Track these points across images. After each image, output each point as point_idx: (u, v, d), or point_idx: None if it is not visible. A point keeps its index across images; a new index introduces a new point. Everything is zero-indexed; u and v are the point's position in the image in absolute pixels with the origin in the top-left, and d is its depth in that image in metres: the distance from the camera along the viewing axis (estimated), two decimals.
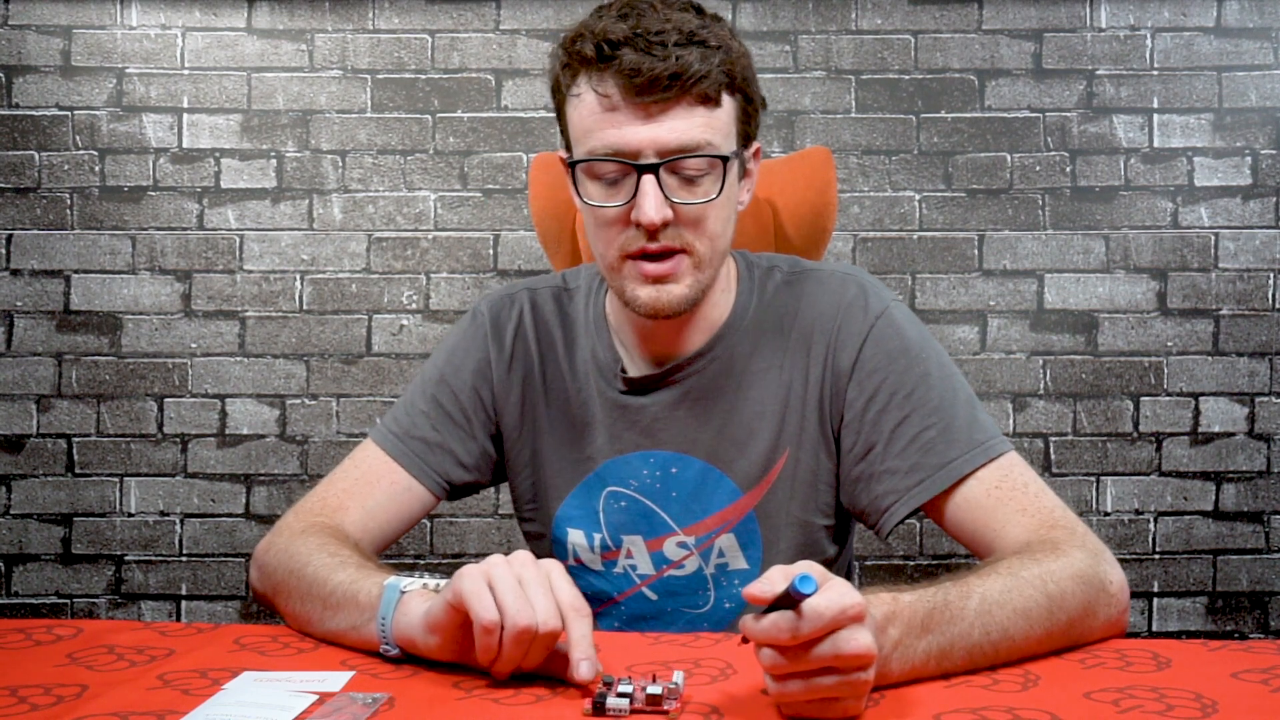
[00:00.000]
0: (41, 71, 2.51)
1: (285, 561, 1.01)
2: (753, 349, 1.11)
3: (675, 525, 1.13)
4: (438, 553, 2.53)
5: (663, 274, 1.01)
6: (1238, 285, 2.52)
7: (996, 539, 0.97)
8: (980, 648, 0.80)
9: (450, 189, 2.53)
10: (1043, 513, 0.97)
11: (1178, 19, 2.52)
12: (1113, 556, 0.94)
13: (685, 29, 0.98)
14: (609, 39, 0.97)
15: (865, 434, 1.06)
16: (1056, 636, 0.86)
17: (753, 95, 1.07)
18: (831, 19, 2.52)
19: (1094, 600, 0.89)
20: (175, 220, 2.52)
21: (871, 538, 2.50)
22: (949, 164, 2.53)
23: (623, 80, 0.97)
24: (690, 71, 0.97)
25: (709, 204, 1.01)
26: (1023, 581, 0.84)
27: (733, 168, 1.04)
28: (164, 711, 0.73)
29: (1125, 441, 2.53)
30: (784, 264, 1.16)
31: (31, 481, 2.52)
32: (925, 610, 0.78)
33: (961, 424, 1.02)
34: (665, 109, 0.98)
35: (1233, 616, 2.53)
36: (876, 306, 1.08)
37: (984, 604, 0.81)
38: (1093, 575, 0.90)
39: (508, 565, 0.78)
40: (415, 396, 1.18)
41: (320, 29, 2.52)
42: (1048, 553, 0.89)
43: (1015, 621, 0.82)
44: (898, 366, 1.05)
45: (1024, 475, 1.01)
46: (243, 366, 2.53)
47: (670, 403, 1.12)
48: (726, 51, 1.01)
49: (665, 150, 0.98)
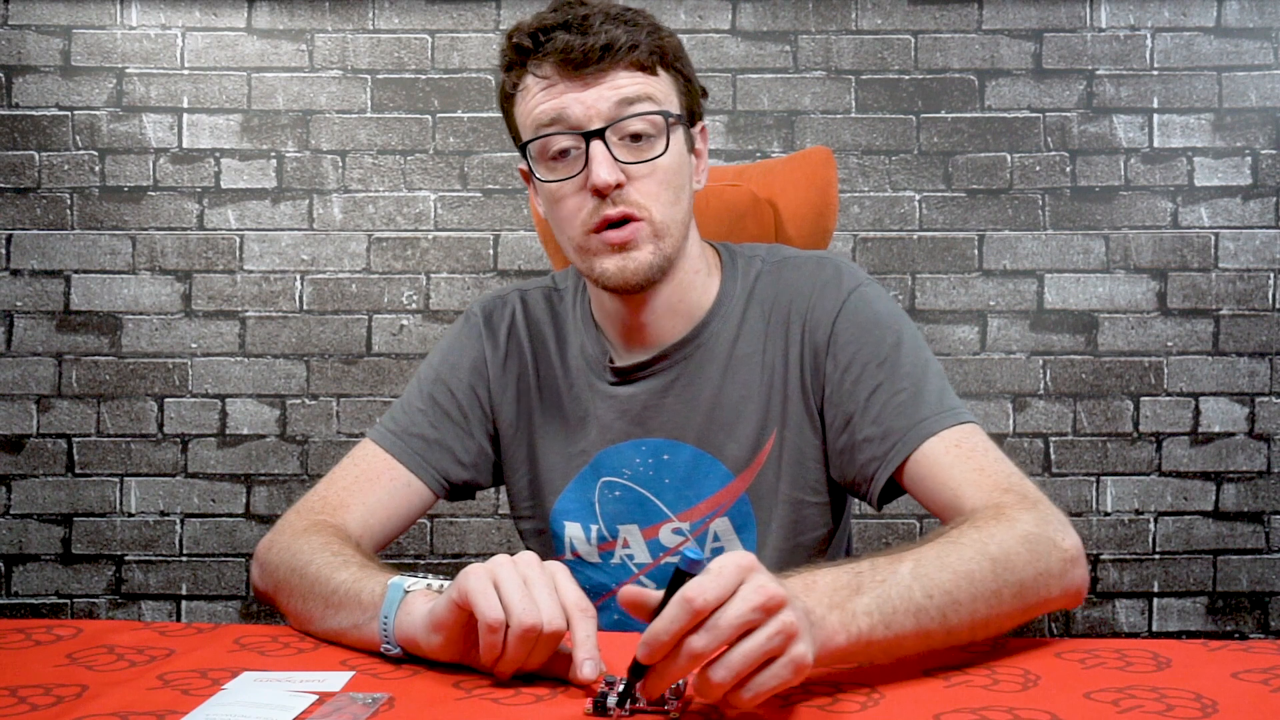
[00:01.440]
0: (41, 71, 2.51)
1: (287, 560, 1.01)
2: (736, 334, 1.14)
3: (670, 512, 1.15)
4: (438, 553, 2.53)
5: (624, 239, 1.04)
6: (1238, 285, 2.52)
7: (954, 497, 0.97)
8: (925, 610, 0.78)
9: (450, 189, 2.54)
10: (999, 475, 0.97)
11: (1178, 19, 2.52)
12: (1066, 521, 0.91)
13: (612, 12, 1.05)
14: (542, 27, 1.04)
15: (844, 405, 1.07)
16: (1007, 600, 0.84)
17: (689, 75, 1.12)
18: (831, 19, 2.53)
19: (1045, 563, 0.87)
20: (175, 220, 2.52)
21: (871, 538, 2.50)
22: (949, 164, 2.53)
23: (558, 59, 1.03)
24: (620, 42, 1.03)
25: (657, 161, 1.05)
26: (962, 545, 0.84)
27: (678, 131, 1.07)
28: (164, 711, 0.73)
29: (1125, 441, 2.53)
30: (765, 252, 1.19)
31: (31, 481, 2.52)
32: (850, 575, 0.77)
33: (932, 390, 1.04)
34: (601, 77, 1.03)
35: (1233, 616, 2.53)
36: (849, 283, 1.11)
37: (919, 566, 0.80)
38: (1041, 537, 0.87)
39: (513, 565, 0.79)
40: (412, 396, 1.20)
41: (320, 29, 2.53)
42: (990, 518, 0.88)
43: (957, 583, 0.80)
44: (871, 337, 1.07)
45: (984, 442, 1.01)
46: (243, 366, 2.53)
47: (658, 390, 1.14)
48: (655, 32, 1.07)
49: (607, 112, 1.03)
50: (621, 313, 1.13)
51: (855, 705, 0.74)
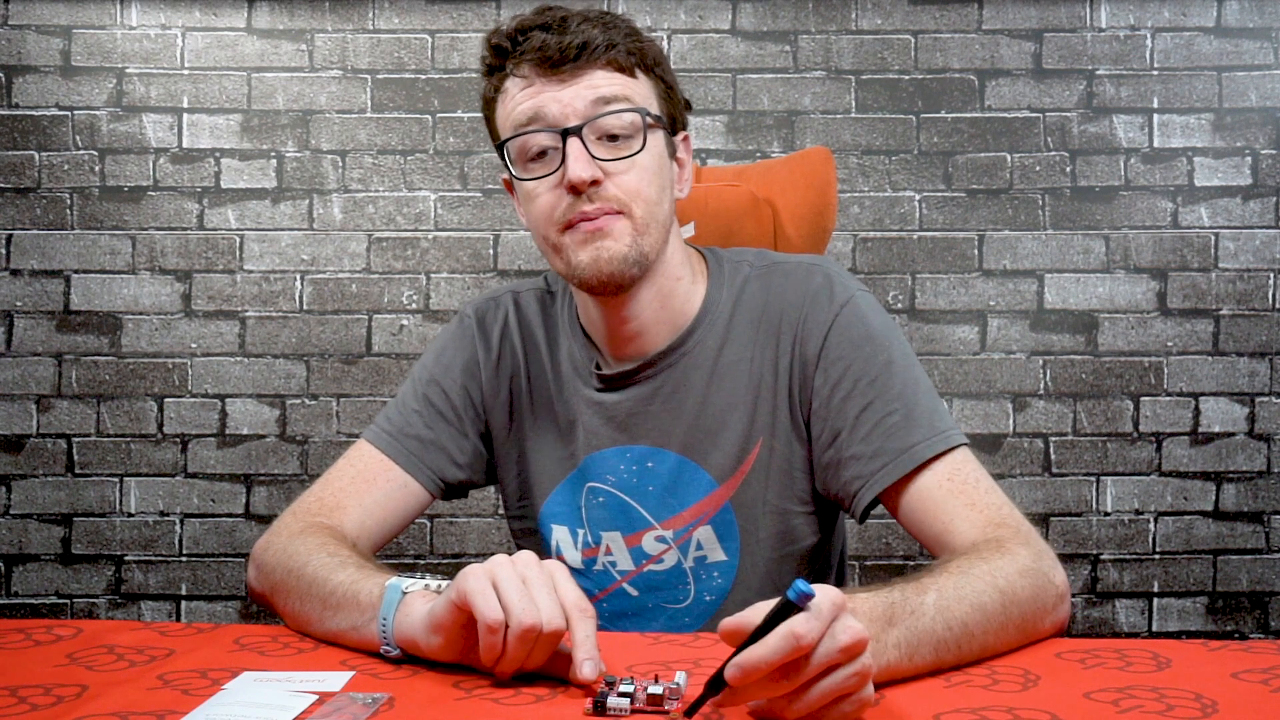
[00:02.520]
0: (41, 71, 2.51)
1: (284, 561, 1.01)
2: (723, 341, 1.13)
3: (652, 519, 1.14)
4: (438, 553, 2.53)
5: (598, 227, 1.03)
6: (1238, 285, 2.52)
7: (945, 531, 0.99)
8: (944, 642, 0.81)
9: (450, 189, 2.53)
10: (990, 509, 0.98)
11: (1178, 19, 2.52)
12: (1055, 557, 0.95)
13: (591, 15, 1.06)
14: (520, 28, 1.05)
15: (832, 420, 1.07)
16: (1010, 630, 0.86)
17: (670, 82, 1.11)
18: (831, 19, 2.53)
19: (1041, 595, 0.90)
20: (175, 220, 2.52)
21: (872, 538, 2.50)
22: (949, 164, 2.53)
23: (536, 58, 1.03)
24: (597, 41, 1.03)
25: (634, 159, 1.04)
26: (974, 577, 0.86)
27: (656, 133, 1.07)
28: (164, 711, 0.73)
29: (1125, 441, 2.53)
30: (753, 257, 1.18)
31: (31, 481, 2.52)
32: (885, 605, 0.78)
33: (923, 411, 1.04)
34: (579, 75, 1.04)
35: (1233, 616, 2.53)
36: (841, 295, 1.10)
37: (941, 599, 0.82)
38: (1038, 571, 0.91)
39: (512, 565, 0.79)
40: (407, 397, 1.20)
41: (320, 29, 2.52)
42: (993, 550, 0.91)
43: (973, 615, 0.83)
44: (862, 354, 1.07)
45: (975, 472, 1.02)
46: (243, 366, 2.53)
47: (644, 397, 1.13)
48: (634, 35, 1.07)
49: (584, 110, 1.03)
50: (605, 320, 1.12)
51: None
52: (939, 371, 2.52)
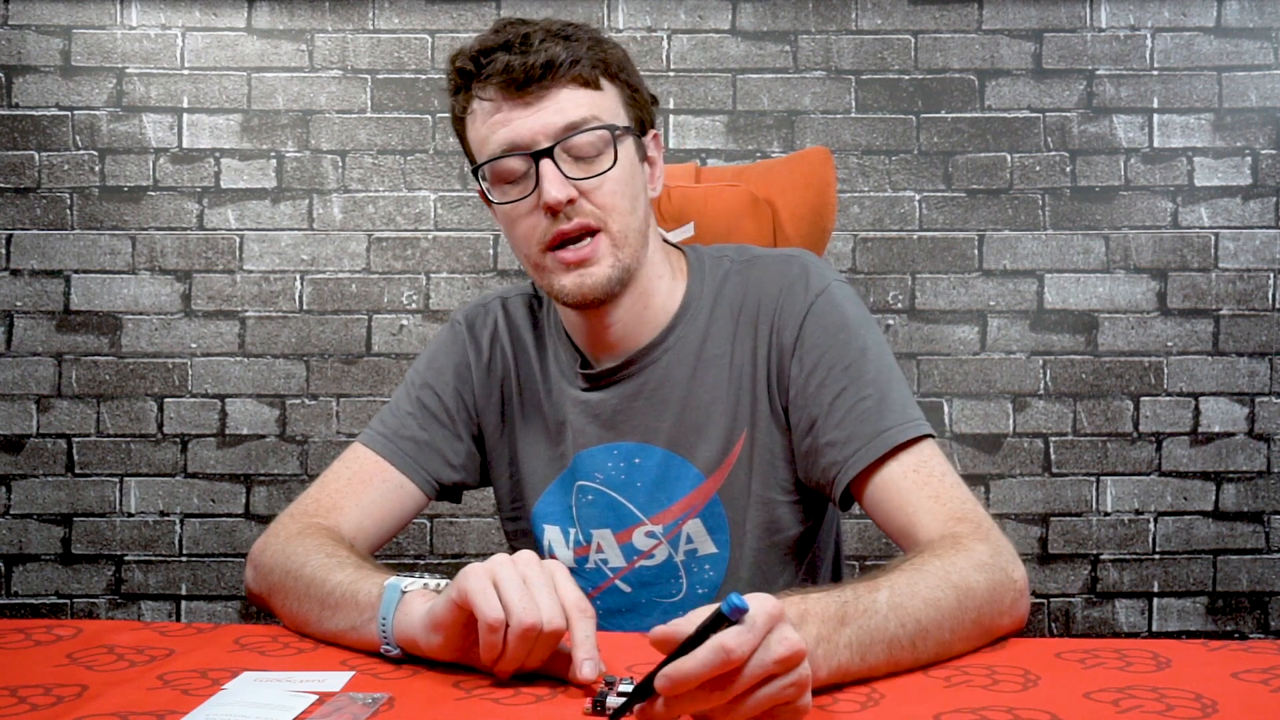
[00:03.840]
0: (41, 71, 2.51)
1: (282, 562, 1.01)
2: (705, 336, 1.14)
3: (642, 515, 1.15)
4: (438, 553, 2.53)
5: (581, 258, 1.05)
6: (1238, 285, 2.52)
7: (909, 524, 0.99)
8: (898, 640, 0.80)
9: (450, 189, 2.53)
10: (953, 503, 0.99)
11: (1178, 19, 2.52)
12: (1015, 552, 0.95)
13: (552, 30, 1.06)
14: (483, 49, 1.05)
15: (808, 408, 1.08)
16: (968, 626, 0.86)
17: (636, 84, 1.12)
18: (831, 19, 2.53)
19: (998, 591, 0.89)
20: (175, 220, 2.52)
21: (872, 538, 2.50)
22: (949, 164, 2.53)
23: (501, 80, 1.04)
24: (560, 59, 1.03)
25: (606, 175, 1.05)
26: (927, 574, 0.86)
27: (626, 142, 1.08)
28: (164, 711, 0.73)
29: (1125, 441, 2.53)
30: (734, 253, 1.19)
31: (31, 481, 2.52)
32: (837, 605, 0.78)
33: (896, 398, 1.05)
34: (544, 96, 1.04)
35: (1233, 616, 2.53)
36: (817, 285, 1.11)
37: (894, 595, 0.82)
38: (995, 567, 0.90)
39: (512, 564, 0.79)
40: (401, 401, 1.21)
41: (320, 29, 2.52)
42: (948, 547, 0.91)
43: (927, 612, 0.83)
44: (837, 341, 1.08)
45: (941, 465, 1.03)
46: (243, 366, 2.53)
47: (629, 394, 1.14)
48: (597, 45, 1.07)
49: (554, 132, 1.04)
50: (587, 326, 1.14)
51: (855, 705, 0.74)
52: (939, 371, 2.52)
